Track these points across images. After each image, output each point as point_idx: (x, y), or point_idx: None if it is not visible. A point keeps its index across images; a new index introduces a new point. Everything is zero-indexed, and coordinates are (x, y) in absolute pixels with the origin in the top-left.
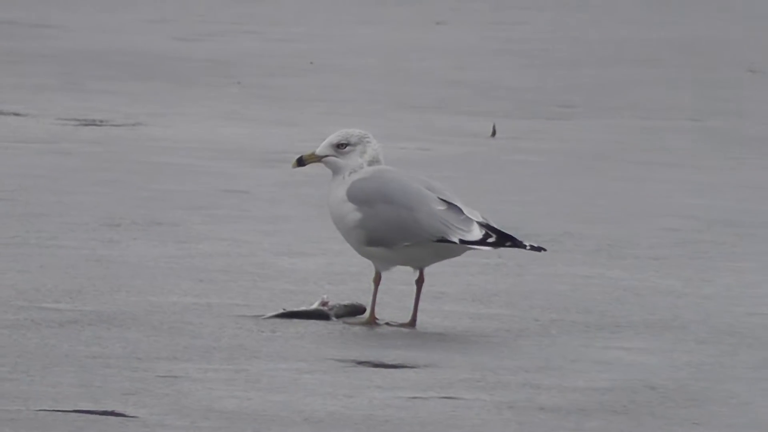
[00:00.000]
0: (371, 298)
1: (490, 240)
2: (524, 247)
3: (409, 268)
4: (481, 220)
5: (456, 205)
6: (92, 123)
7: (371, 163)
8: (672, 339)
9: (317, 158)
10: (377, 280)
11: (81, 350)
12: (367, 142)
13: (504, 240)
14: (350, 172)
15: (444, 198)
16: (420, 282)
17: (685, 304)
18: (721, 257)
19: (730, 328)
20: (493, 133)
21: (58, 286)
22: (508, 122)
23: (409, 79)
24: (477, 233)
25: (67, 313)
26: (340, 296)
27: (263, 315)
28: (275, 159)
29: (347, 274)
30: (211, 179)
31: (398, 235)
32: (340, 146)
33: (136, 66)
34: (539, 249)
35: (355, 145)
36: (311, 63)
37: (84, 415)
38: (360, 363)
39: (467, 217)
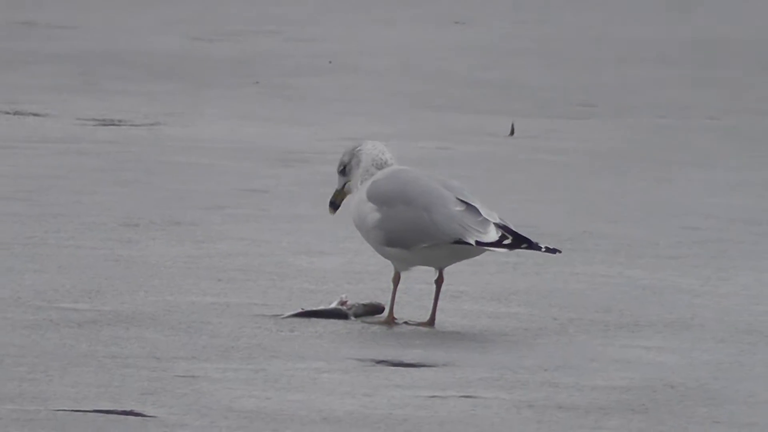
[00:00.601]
0: (390, 297)
1: (506, 242)
2: (540, 249)
3: (428, 268)
4: (498, 221)
5: (474, 206)
6: (111, 123)
7: (377, 165)
8: (691, 338)
9: (339, 192)
10: (396, 280)
11: (100, 350)
12: (359, 151)
13: (520, 242)
14: (362, 181)
15: (462, 198)
16: (439, 282)
17: (704, 303)
18: (740, 256)
19: (749, 327)
20: (512, 132)
21: (76, 286)
22: (528, 121)
23: (427, 78)
24: (493, 235)
25: (85, 313)
26: (359, 295)
27: (282, 314)
28: (294, 158)
29: (366, 273)
30: (230, 179)
31: (416, 236)
32: (342, 172)
33: (154, 66)
34: (554, 251)
35: (349, 161)
36: (330, 62)
37: (103, 415)
38: (379, 362)
39: (484, 218)
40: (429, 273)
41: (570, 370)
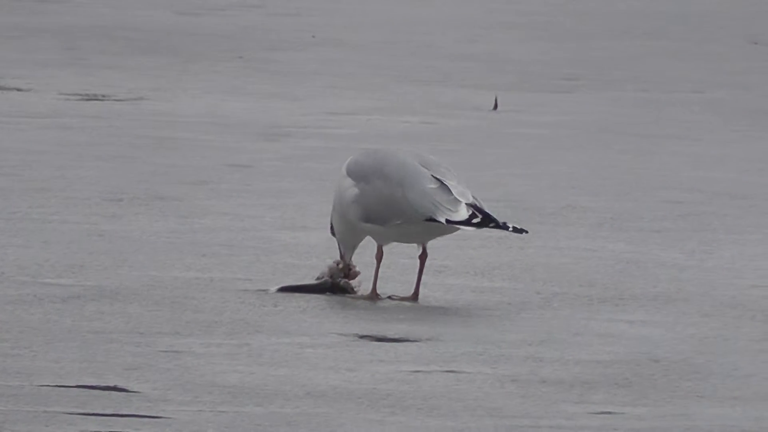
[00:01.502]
0: (374, 273)
1: (475, 221)
2: (507, 229)
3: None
4: (470, 200)
5: (445, 184)
6: (95, 98)
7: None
8: (675, 312)
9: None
10: (379, 256)
11: (83, 325)
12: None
13: (488, 221)
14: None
15: (437, 176)
16: (423, 257)
17: (689, 276)
18: (724, 229)
19: (734, 301)
20: (495, 106)
21: (60, 261)
22: (512, 95)
23: (412, 52)
24: (463, 213)
25: (69, 288)
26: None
27: (268, 289)
28: (278, 133)
29: None
30: (214, 154)
31: (390, 212)
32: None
33: (138, 41)
34: (521, 231)
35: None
36: (313, 37)
37: (87, 390)
38: (362, 337)
39: (455, 197)
40: (412, 248)
41: (554, 344)
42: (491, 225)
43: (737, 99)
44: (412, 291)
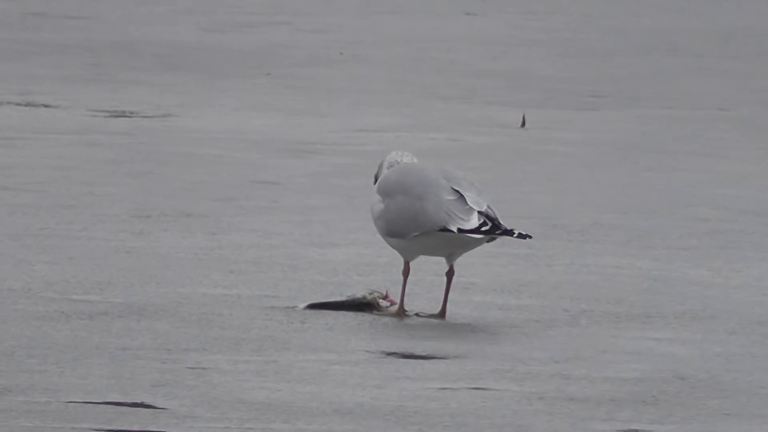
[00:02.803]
0: (401, 289)
1: (484, 228)
2: (512, 234)
3: (439, 259)
4: (483, 209)
5: (462, 195)
6: (122, 114)
7: (390, 165)
8: (702, 329)
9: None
10: (406, 273)
11: (111, 342)
12: (382, 162)
13: (495, 228)
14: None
15: (457, 188)
16: (450, 274)
17: (715, 294)
18: (751, 247)
19: (760, 318)
20: (523, 124)
21: (88, 277)
22: (539, 112)
23: (439, 69)
24: (475, 222)
25: (96, 304)
26: (370, 287)
27: (296, 306)
28: (306, 150)
29: (376, 265)
30: (242, 170)
31: (408, 225)
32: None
33: (166, 57)
34: (525, 236)
35: (378, 172)
36: (341, 53)
37: (114, 407)
38: (389, 354)
39: (470, 207)
40: (440, 265)
41: (581, 362)
42: (498, 232)
43: (762, 116)
44: (440, 308)
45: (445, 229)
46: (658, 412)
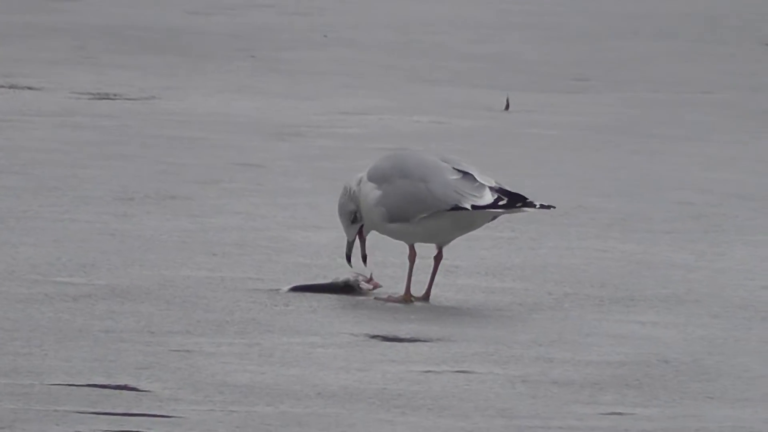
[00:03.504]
0: (407, 275)
1: (502, 203)
2: (534, 206)
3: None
4: (493, 184)
5: (470, 173)
6: (106, 97)
7: (354, 191)
8: (686, 313)
9: (351, 245)
10: (412, 257)
11: (94, 324)
12: (349, 188)
13: (515, 201)
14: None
15: (459, 168)
16: (438, 258)
17: (699, 277)
18: (735, 231)
19: (744, 302)
20: (507, 107)
21: (71, 260)
22: (524, 95)
23: (423, 52)
24: (489, 197)
25: (80, 287)
26: (356, 270)
27: (279, 289)
28: (290, 132)
29: None
30: (225, 153)
31: (415, 207)
32: (354, 221)
33: (149, 40)
34: (549, 207)
35: (357, 207)
36: (325, 36)
37: (97, 389)
38: (373, 337)
39: (480, 183)
40: (427, 248)
41: (565, 345)
42: (519, 204)
43: (748, 100)
44: (424, 291)
45: (457, 208)
46: (642, 395)
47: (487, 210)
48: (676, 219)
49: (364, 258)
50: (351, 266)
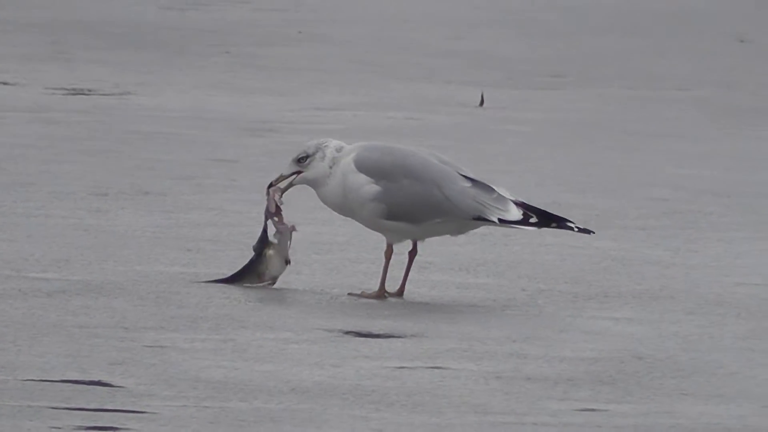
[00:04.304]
0: (382, 271)
1: (532, 221)
2: (571, 229)
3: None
4: (514, 198)
5: (481, 182)
6: (80, 92)
7: (332, 163)
8: (660, 309)
9: (284, 178)
10: (389, 254)
11: (68, 320)
12: (325, 147)
13: (548, 221)
14: (328, 175)
15: (464, 174)
16: (413, 254)
17: (673, 274)
18: (709, 227)
19: (718, 299)
20: (482, 103)
21: (45, 255)
22: (499, 92)
23: (398, 48)
24: (515, 213)
25: (54, 282)
26: (327, 266)
27: (201, 279)
28: (264, 128)
29: (335, 243)
30: (200, 148)
31: (428, 212)
32: (300, 160)
33: (124, 35)
34: (588, 231)
35: (314, 153)
36: (300, 32)
37: (71, 384)
38: (347, 333)
39: (499, 195)
40: (402, 245)
41: (538, 341)
42: (553, 225)
43: (723, 97)
44: (398, 286)
45: (481, 219)
46: (616, 391)
47: (517, 227)
48: (650, 215)
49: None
50: (267, 194)
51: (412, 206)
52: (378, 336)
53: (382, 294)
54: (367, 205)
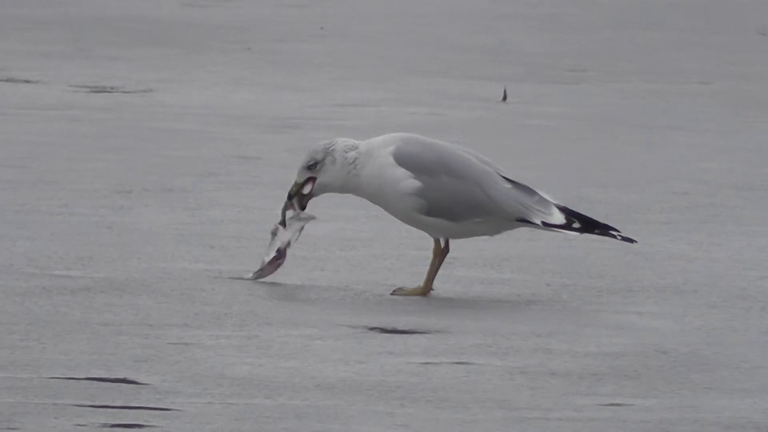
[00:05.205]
0: (430, 267)
1: (575, 226)
2: (614, 237)
3: (424, 234)
4: (558, 202)
5: (522, 184)
6: (103, 90)
7: (350, 148)
8: (683, 303)
9: (299, 185)
10: (438, 251)
11: (93, 318)
12: (333, 150)
13: (591, 227)
14: (347, 173)
15: (504, 175)
16: (445, 251)
17: (696, 268)
18: (731, 221)
19: (742, 292)
20: (504, 98)
21: (69, 253)
22: (520, 87)
23: (419, 44)
24: (559, 217)
25: (78, 280)
26: (351, 262)
27: (242, 276)
28: (286, 125)
29: (358, 240)
30: (222, 145)
31: (470, 210)
32: (311, 167)
33: (146, 32)
34: (631, 240)
35: (323, 159)
36: (321, 28)
37: (96, 382)
38: (371, 329)
39: (541, 197)
40: (424, 240)
41: (563, 336)
42: (596, 231)
43: (743, 90)
44: (424, 283)
45: (524, 221)
46: (640, 386)
47: (559, 231)
48: (672, 209)
49: (303, 207)
50: (289, 202)
51: (454, 204)
52: (403, 332)
53: (427, 291)
54: (405, 199)
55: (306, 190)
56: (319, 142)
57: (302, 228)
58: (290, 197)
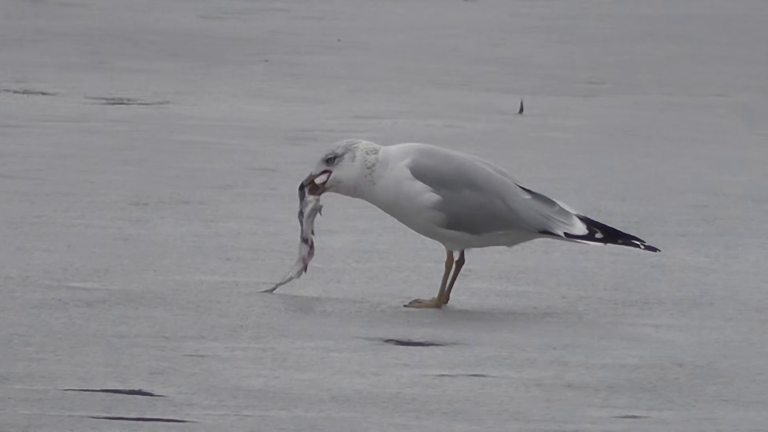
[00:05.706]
0: (443, 280)
1: (598, 236)
2: (638, 246)
3: (438, 246)
4: (578, 212)
5: (541, 195)
6: (120, 102)
7: (372, 151)
8: (700, 316)
9: (314, 177)
10: (450, 263)
11: (108, 329)
12: (355, 148)
13: (614, 237)
14: (364, 176)
15: (522, 186)
16: (460, 263)
17: (713, 280)
18: (749, 234)
19: (759, 305)
20: (521, 110)
21: (85, 265)
22: (537, 99)
23: (436, 56)
24: (581, 227)
25: (94, 292)
26: (367, 274)
27: (268, 289)
28: (303, 137)
29: (374, 251)
30: (239, 157)
31: (492, 222)
32: (329, 161)
33: (163, 44)
34: (654, 249)
35: (343, 154)
36: (339, 40)
37: (111, 394)
38: (387, 341)
39: (561, 208)
40: (438, 252)
41: (579, 348)
42: (619, 242)
43: (762, 103)
44: (440, 294)
45: (546, 232)
46: (656, 398)
47: (582, 242)
48: (689, 222)
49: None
50: (301, 192)
51: (475, 217)
52: (418, 344)
53: (441, 303)
54: (424, 213)
55: (319, 180)
56: (343, 139)
57: (315, 215)
58: (302, 187)
